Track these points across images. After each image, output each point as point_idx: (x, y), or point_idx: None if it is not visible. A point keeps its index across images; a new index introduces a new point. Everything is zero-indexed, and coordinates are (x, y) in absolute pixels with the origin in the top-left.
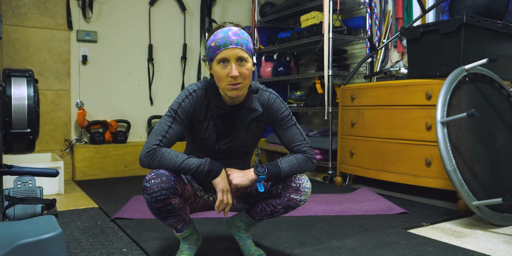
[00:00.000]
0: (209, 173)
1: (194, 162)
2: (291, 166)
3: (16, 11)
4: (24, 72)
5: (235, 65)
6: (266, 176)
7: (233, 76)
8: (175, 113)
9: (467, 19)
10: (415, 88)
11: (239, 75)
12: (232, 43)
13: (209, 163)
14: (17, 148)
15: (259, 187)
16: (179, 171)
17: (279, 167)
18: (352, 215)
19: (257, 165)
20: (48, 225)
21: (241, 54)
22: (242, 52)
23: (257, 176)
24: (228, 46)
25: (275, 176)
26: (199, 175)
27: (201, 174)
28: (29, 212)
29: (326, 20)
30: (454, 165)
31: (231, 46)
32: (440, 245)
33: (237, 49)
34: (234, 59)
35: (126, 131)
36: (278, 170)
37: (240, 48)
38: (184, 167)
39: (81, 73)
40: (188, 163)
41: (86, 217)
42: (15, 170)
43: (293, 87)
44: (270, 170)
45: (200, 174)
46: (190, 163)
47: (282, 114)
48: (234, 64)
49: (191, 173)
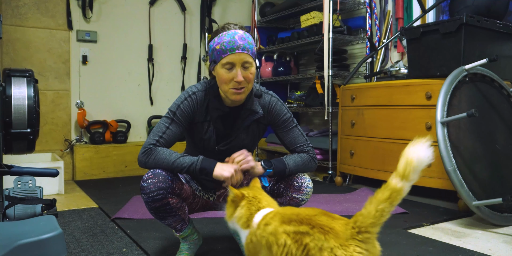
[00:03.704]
0: (201, 171)
1: (186, 161)
2: (296, 164)
3: (16, 11)
4: (24, 72)
5: (240, 70)
6: (272, 171)
7: (238, 81)
8: (173, 115)
9: (467, 19)
10: (415, 88)
11: (244, 79)
12: (239, 48)
13: (201, 161)
14: (17, 148)
15: (264, 182)
16: (173, 169)
17: (284, 163)
18: (352, 215)
19: (264, 160)
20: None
21: (247, 59)
22: (247, 57)
23: (264, 170)
24: (235, 51)
25: (281, 172)
26: (193, 173)
27: (194, 173)
28: (29, 212)
29: (326, 20)
30: (454, 165)
31: (238, 51)
32: (440, 245)
33: (243, 54)
34: (240, 64)
35: (126, 131)
36: (284, 166)
37: (246, 53)
38: (178, 166)
39: (81, 73)
40: (181, 162)
41: (86, 217)
42: (15, 170)
43: (293, 87)
44: (277, 165)
45: (193, 172)
46: (183, 161)
47: (284, 117)
48: (239, 69)
49: (184, 171)
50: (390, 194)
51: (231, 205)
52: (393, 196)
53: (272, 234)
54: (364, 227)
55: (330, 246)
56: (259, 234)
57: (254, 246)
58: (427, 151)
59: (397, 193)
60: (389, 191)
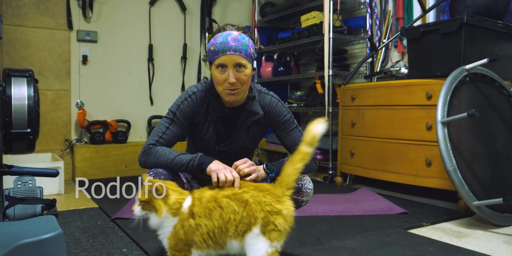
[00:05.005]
0: (199, 166)
1: (185, 158)
2: None
3: (16, 11)
4: (24, 72)
5: (233, 72)
6: (275, 175)
7: (231, 82)
8: (173, 115)
9: (467, 19)
10: (415, 88)
11: (237, 81)
12: (231, 49)
13: (199, 158)
14: (17, 148)
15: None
16: (172, 167)
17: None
18: (353, 215)
19: (266, 163)
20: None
21: (239, 60)
22: (240, 59)
23: (267, 174)
24: (226, 53)
25: None
26: (191, 170)
27: (193, 169)
28: (29, 212)
29: (326, 20)
30: (454, 165)
31: (229, 52)
32: (441, 245)
33: (235, 55)
34: (232, 65)
35: (126, 131)
36: None
37: (239, 54)
38: (177, 163)
39: (81, 73)
40: (180, 159)
41: (86, 217)
42: (15, 170)
43: (293, 87)
44: (279, 169)
45: (192, 168)
46: (182, 158)
47: (284, 117)
48: (232, 71)
49: (183, 168)
50: (302, 157)
51: (153, 198)
52: (304, 158)
53: (211, 201)
54: (290, 185)
55: (268, 201)
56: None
57: (186, 232)
58: (323, 126)
59: (306, 155)
60: (301, 154)
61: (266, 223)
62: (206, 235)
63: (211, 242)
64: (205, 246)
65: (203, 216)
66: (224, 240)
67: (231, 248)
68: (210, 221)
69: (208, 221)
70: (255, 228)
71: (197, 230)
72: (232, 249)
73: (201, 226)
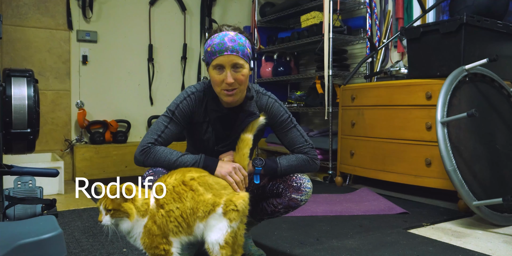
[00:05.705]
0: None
1: (189, 159)
2: (290, 164)
3: (16, 11)
4: (24, 72)
5: (230, 72)
6: (262, 169)
7: (228, 83)
8: (172, 114)
9: (467, 19)
10: (415, 88)
11: (235, 81)
12: (228, 49)
13: (204, 160)
14: (17, 148)
15: (255, 179)
16: (175, 168)
17: (276, 162)
18: (352, 215)
19: (255, 158)
20: (48, 225)
21: (237, 60)
22: (237, 59)
23: (253, 168)
24: (223, 53)
25: (272, 171)
26: None
27: None
28: (29, 212)
29: (326, 20)
30: (454, 165)
31: (226, 53)
32: (440, 245)
33: (232, 56)
34: (229, 66)
35: (126, 131)
36: (275, 165)
37: (236, 55)
38: (179, 165)
39: (81, 73)
40: (183, 160)
41: (86, 217)
42: (15, 170)
43: (293, 87)
44: (268, 164)
45: None
46: (185, 160)
47: (282, 117)
48: (229, 71)
49: None
50: (246, 142)
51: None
52: (248, 143)
53: (181, 185)
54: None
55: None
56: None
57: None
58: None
59: (249, 141)
60: (245, 140)
61: (228, 204)
62: (180, 218)
63: (184, 224)
64: (180, 230)
65: (172, 202)
66: (193, 222)
67: (198, 233)
68: (181, 204)
69: (179, 204)
70: (219, 209)
71: (170, 217)
72: (197, 234)
73: (173, 211)
